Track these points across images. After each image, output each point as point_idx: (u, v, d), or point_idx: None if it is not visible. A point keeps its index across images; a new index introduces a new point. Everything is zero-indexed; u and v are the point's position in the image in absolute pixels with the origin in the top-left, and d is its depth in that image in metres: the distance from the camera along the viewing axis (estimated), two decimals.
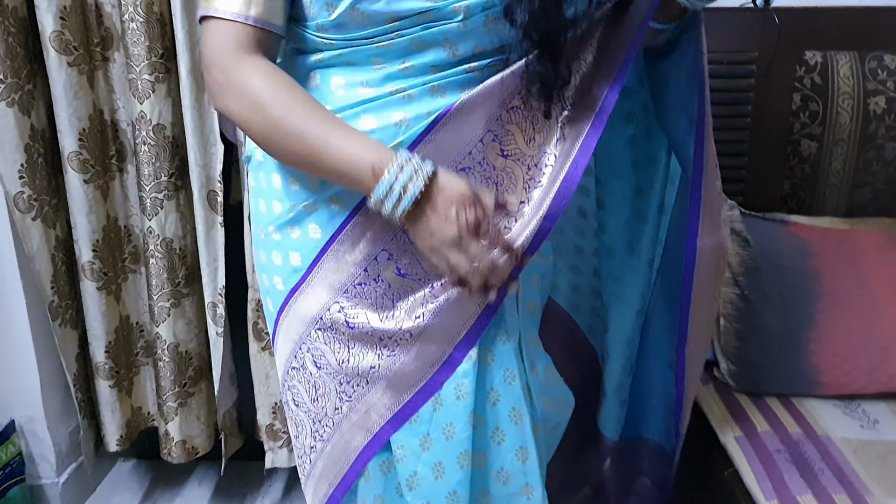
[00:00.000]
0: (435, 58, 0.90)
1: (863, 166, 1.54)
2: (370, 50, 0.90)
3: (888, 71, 1.52)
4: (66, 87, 1.40)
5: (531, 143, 0.94)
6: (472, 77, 0.92)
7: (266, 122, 0.86)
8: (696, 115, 1.00)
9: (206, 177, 1.46)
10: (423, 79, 0.91)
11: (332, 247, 0.95)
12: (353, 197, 0.93)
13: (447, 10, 0.88)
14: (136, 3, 1.35)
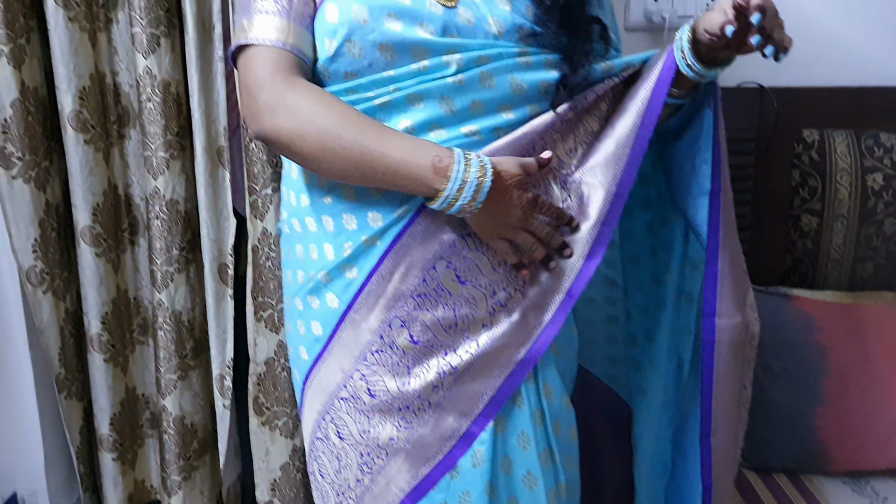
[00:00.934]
0: (433, 113, 0.94)
1: (863, 241, 1.57)
2: (371, 108, 0.94)
3: (884, 149, 1.56)
4: (83, 163, 1.43)
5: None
6: (472, 142, 0.95)
7: (321, 132, 0.90)
8: (711, 188, 1.01)
9: (218, 250, 1.48)
10: None
11: (348, 315, 0.98)
12: (366, 264, 0.96)
13: (441, 61, 0.93)
14: (153, 84, 1.40)
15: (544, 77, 0.97)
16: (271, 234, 1.44)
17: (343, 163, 0.90)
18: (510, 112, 0.96)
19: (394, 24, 0.92)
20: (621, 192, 0.95)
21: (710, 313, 1.02)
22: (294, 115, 0.90)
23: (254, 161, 1.41)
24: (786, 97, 1.58)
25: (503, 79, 0.95)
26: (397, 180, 0.90)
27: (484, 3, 0.96)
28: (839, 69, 1.62)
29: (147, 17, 1.36)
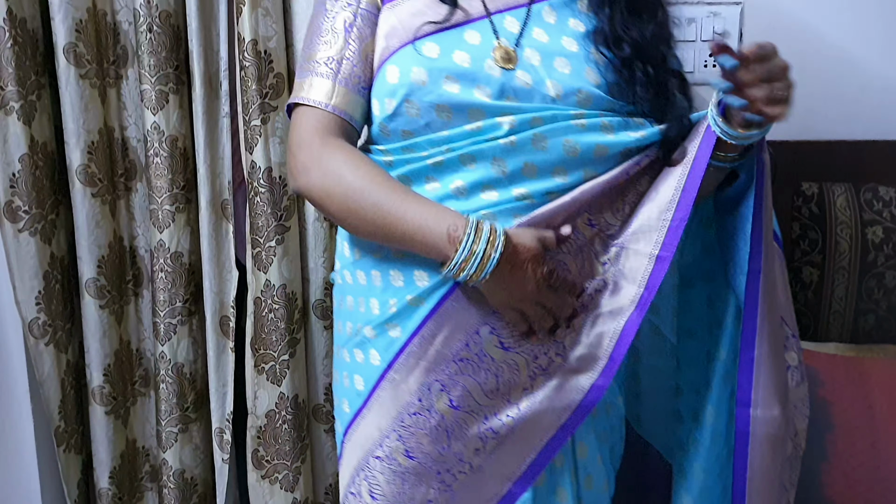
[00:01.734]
0: (485, 174, 0.94)
1: (865, 294, 1.57)
2: (425, 168, 0.95)
3: (883, 202, 1.57)
4: (89, 216, 1.45)
5: (582, 270, 0.97)
6: (524, 205, 0.94)
7: (346, 192, 0.93)
8: (749, 269, 0.97)
9: (220, 302, 1.49)
10: (475, 204, 0.94)
11: (388, 374, 0.98)
12: (409, 324, 0.96)
13: (494, 122, 0.93)
14: (161, 140, 1.42)
15: (599, 140, 0.95)
16: (274, 286, 1.45)
17: (365, 224, 0.94)
18: (563, 176, 0.95)
19: (452, 86, 0.93)
20: (664, 256, 0.93)
21: (744, 403, 0.97)
22: (324, 175, 0.95)
23: (258, 214, 1.43)
24: (784, 150, 1.59)
25: (557, 141, 0.94)
26: (414, 245, 0.92)
27: (542, 66, 0.95)
28: (836, 123, 1.64)
29: (156, 74, 1.39)
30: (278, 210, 1.43)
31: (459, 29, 0.96)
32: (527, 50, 0.96)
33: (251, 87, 1.37)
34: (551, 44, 0.97)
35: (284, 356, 1.47)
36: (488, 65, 0.94)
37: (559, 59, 0.96)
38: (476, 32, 0.97)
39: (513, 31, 0.97)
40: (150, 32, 1.37)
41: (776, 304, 1.00)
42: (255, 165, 1.41)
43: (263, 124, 1.39)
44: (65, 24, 1.36)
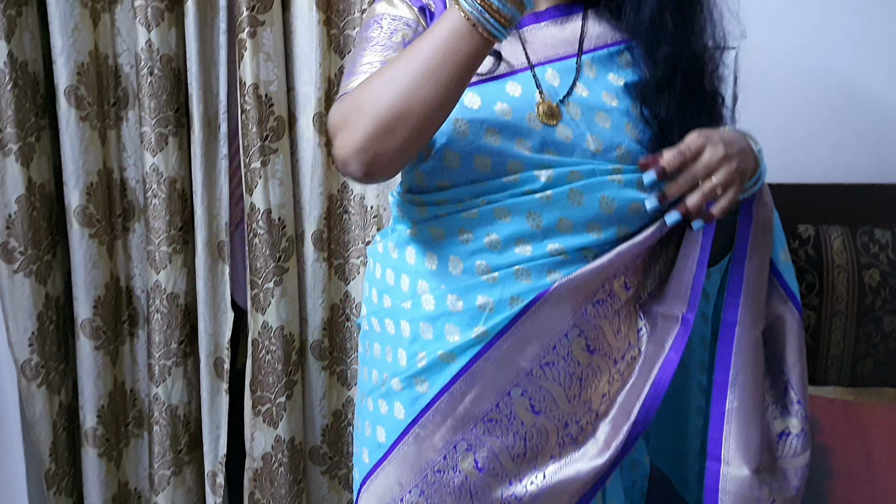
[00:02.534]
0: (519, 228, 0.92)
1: (863, 338, 1.57)
2: (458, 219, 0.94)
3: (879, 245, 1.58)
4: (86, 257, 1.45)
5: (618, 334, 0.95)
6: (558, 261, 0.92)
7: (375, 93, 0.83)
8: (724, 319, 0.96)
9: (215, 344, 1.48)
10: (509, 259, 0.92)
11: (413, 429, 0.95)
12: (438, 381, 0.94)
13: (532, 175, 0.91)
14: (159, 181, 1.42)
15: (635, 197, 0.93)
16: (271, 327, 1.44)
17: (409, 86, 0.81)
18: (598, 232, 0.93)
19: (493, 138, 0.92)
20: (688, 319, 0.93)
21: (714, 457, 0.96)
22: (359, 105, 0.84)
23: (256, 256, 1.42)
24: (780, 193, 1.59)
25: (593, 197, 0.92)
26: (452, 56, 0.81)
27: (583, 120, 0.94)
28: (831, 166, 1.65)
29: (156, 117, 1.40)
30: (277, 251, 1.43)
31: (502, 80, 0.94)
32: (569, 104, 0.95)
33: (252, 131, 1.38)
34: (592, 98, 0.96)
35: (281, 398, 1.46)
36: (530, 117, 0.93)
37: (600, 114, 0.95)
38: (518, 84, 0.94)
39: (554, 83, 0.96)
40: (151, 76, 1.38)
41: (756, 359, 0.97)
42: (254, 207, 1.41)
43: (263, 166, 1.40)
44: (66, 67, 1.36)
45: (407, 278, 0.98)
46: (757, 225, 0.97)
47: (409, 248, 0.98)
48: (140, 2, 1.36)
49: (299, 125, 1.45)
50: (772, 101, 1.62)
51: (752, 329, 0.96)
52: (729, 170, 0.89)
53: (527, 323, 0.91)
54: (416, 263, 0.97)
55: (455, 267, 0.94)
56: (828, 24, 1.59)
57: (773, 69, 1.61)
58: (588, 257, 0.93)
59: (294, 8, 1.40)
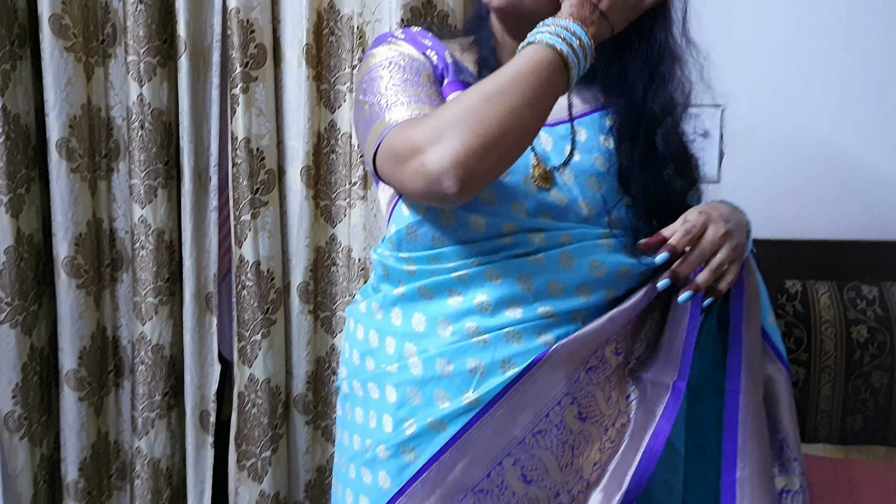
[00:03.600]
0: (511, 290, 0.91)
1: (851, 394, 1.56)
2: (449, 281, 0.92)
3: (867, 301, 1.58)
4: (73, 307, 1.44)
5: (609, 401, 0.94)
6: (548, 323, 0.92)
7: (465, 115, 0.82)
8: (728, 389, 0.96)
9: (201, 396, 1.47)
10: (500, 321, 0.91)
11: (399, 500, 0.93)
12: (427, 450, 0.92)
13: (525, 237, 0.91)
14: (148, 232, 1.43)
15: (625, 261, 0.94)
16: (258, 380, 1.43)
17: (490, 116, 0.82)
18: (588, 295, 0.93)
19: (490, 199, 0.92)
20: (679, 387, 0.93)
21: None
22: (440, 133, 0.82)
23: (244, 308, 1.42)
24: (767, 248, 1.60)
25: (584, 261, 0.92)
26: (535, 86, 0.83)
27: (576, 185, 0.95)
28: (816, 222, 1.66)
29: (146, 169, 1.41)
30: (265, 303, 1.43)
31: None
32: (562, 170, 0.96)
33: (242, 184, 1.39)
34: (584, 162, 0.97)
35: (267, 452, 1.44)
36: (526, 180, 0.93)
37: (592, 179, 0.96)
38: None
39: (546, 147, 0.97)
40: (142, 129, 1.40)
41: (761, 423, 0.97)
42: (243, 259, 1.41)
43: (253, 219, 1.40)
44: (59, 120, 1.38)
45: (393, 340, 0.96)
46: (749, 294, 0.97)
47: (395, 308, 0.96)
48: (133, 57, 1.38)
49: (288, 178, 1.46)
50: (758, 157, 1.65)
51: (754, 395, 0.96)
52: (731, 246, 0.91)
53: (520, 390, 0.90)
54: (404, 325, 0.95)
55: (444, 329, 0.92)
56: (809, 86, 1.62)
57: (759, 127, 1.63)
58: (578, 320, 0.93)
59: (285, 64, 1.43)
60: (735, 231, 0.93)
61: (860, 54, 1.60)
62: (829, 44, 1.59)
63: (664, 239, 0.91)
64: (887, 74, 1.60)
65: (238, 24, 1.35)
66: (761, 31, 1.60)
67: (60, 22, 1.36)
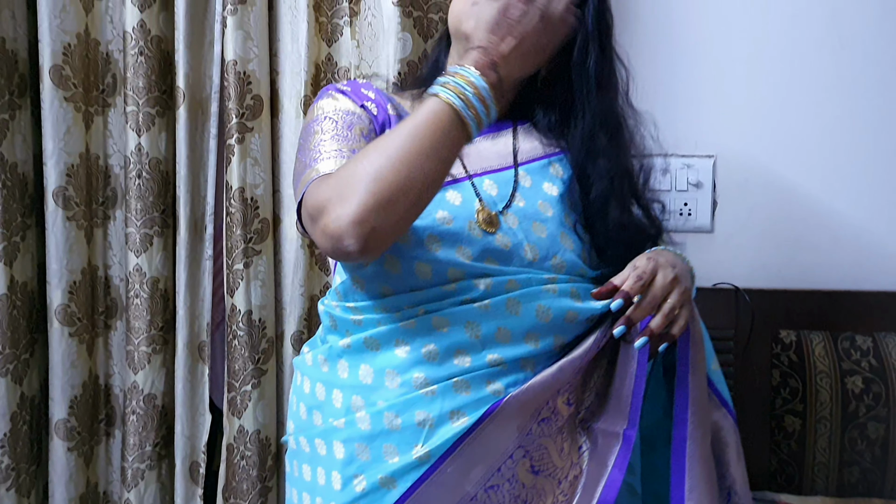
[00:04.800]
0: (458, 338, 0.91)
1: (848, 445, 1.55)
2: (395, 330, 0.92)
3: (861, 352, 1.58)
4: (65, 356, 1.43)
5: (562, 453, 0.94)
6: (497, 371, 0.91)
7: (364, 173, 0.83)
8: (674, 437, 0.96)
9: (191, 447, 1.46)
10: (448, 370, 0.91)
11: None
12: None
13: (471, 283, 0.91)
14: (142, 281, 1.43)
15: (571, 306, 0.95)
16: (248, 432, 1.42)
17: (391, 169, 0.83)
18: (535, 342, 0.93)
19: (434, 245, 0.92)
20: (629, 435, 0.93)
21: None
22: (347, 187, 0.83)
23: (235, 357, 1.42)
24: (761, 298, 1.61)
25: (530, 306, 0.92)
26: (434, 141, 0.84)
27: (521, 229, 0.96)
28: (810, 272, 1.67)
29: (142, 218, 1.42)
30: (256, 353, 1.42)
31: (442, 189, 0.95)
32: (507, 214, 0.97)
33: (236, 233, 1.40)
34: (528, 208, 0.99)
35: None
36: (471, 225, 0.94)
37: (536, 224, 0.98)
38: (458, 193, 0.97)
39: (492, 193, 0.99)
40: (140, 178, 1.40)
41: (709, 470, 0.98)
42: (235, 308, 1.41)
43: (246, 268, 1.41)
44: (56, 169, 1.39)
45: (340, 394, 0.95)
46: (694, 340, 0.98)
47: (341, 361, 0.95)
48: (132, 107, 1.39)
49: (283, 226, 1.47)
50: (751, 207, 1.66)
51: (702, 442, 0.97)
52: (681, 291, 0.93)
53: (472, 444, 0.89)
54: (350, 377, 0.94)
55: (392, 381, 0.91)
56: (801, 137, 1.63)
57: (751, 177, 1.65)
58: (527, 368, 0.93)
59: (283, 114, 1.44)
60: (682, 276, 0.95)
61: (851, 105, 1.62)
62: (821, 95, 1.62)
63: (615, 287, 0.93)
64: (879, 126, 1.62)
65: (235, 75, 1.37)
66: (753, 83, 1.63)
67: (61, 73, 1.38)
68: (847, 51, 1.61)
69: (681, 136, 1.64)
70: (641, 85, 1.61)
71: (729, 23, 1.61)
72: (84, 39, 1.41)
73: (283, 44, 1.43)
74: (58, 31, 1.36)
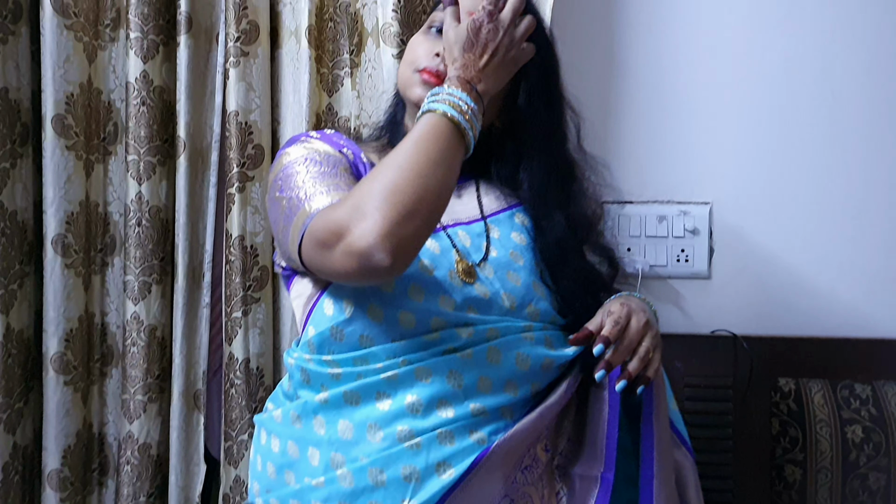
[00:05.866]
0: (441, 389, 0.91)
1: (850, 495, 1.54)
2: (377, 382, 0.91)
3: (860, 400, 1.57)
4: (60, 405, 1.42)
5: (543, 500, 0.94)
6: (479, 420, 0.91)
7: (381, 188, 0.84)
8: (641, 476, 0.97)
9: (186, 497, 1.44)
10: (432, 422, 0.90)
11: None
12: None
13: (453, 332, 0.92)
14: (139, 329, 1.42)
15: (546, 353, 0.97)
16: (244, 482, 1.40)
17: (399, 184, 0.84)
18: (514, 390, 0.94)
19: (418, 294, 0.93)
20: (607, 478, 0.93)
21: None
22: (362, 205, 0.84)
23: (232, 406, 1.41)
24: (759, 346, 1.61)
25: (510, 355, 0.94)
26: (436, 150, 0.88)
27: (497, 279, 0.98)
28: (808, 319, 1.67)
29: (141, 265, 1.42)
30: (253, 402, 1.41)
31: None
32: (483, 264, 0.99)
33: (235, 281, 1.40)
34: (501, 258, 1.01)
35: None
36: (451, 275, 0.96)
37: (511, 273, 1.00)
38: (436, 242, 0.98)
39: (466, 244, 1.01)
40: (139, 226, 1.41)
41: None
42: (232, 357, 1.41)
43: (244, 316, 1.40)
44: (56, 217, 1.39)
45: (317, 451, 0.92)
46: (657, 382, 1.00)
47: (317, 417, 0.93)
48: (133, 156, 1.40)
49: None
50: (747, 253, 1.67)
51: (667, 481, 0.98)
52: (653, 334, 0.97)
53: (460, 496, 0.88)
54: (328, 433, 0.92)
55: (374, 435, 0.90)
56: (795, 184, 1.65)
57: (747, 224, 1.66)
58: (507, 416, 0.93)
59: None
60: (652, 321, 0.98)
61: (844, 153, 1.64)
62: (814, 143, 1.64)
63: (590, 332, 0.94)
64: (872, 173, 1.64)
65: (237, 126, 1.38)
66: (747, 131, 1.65)
67: (63, 122, 1.39)
68: (839, 101, 1.63)
69: (677, 183, 1.66)
70: (637, 134, 1.65)
71: (723, 72, 1.64)
72: (87, 89, 1.43)
73: (285, 94, 1.45)
74: (61, 80, 1.38)
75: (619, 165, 1.65)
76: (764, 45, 1.63)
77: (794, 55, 1.63)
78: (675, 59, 1.64)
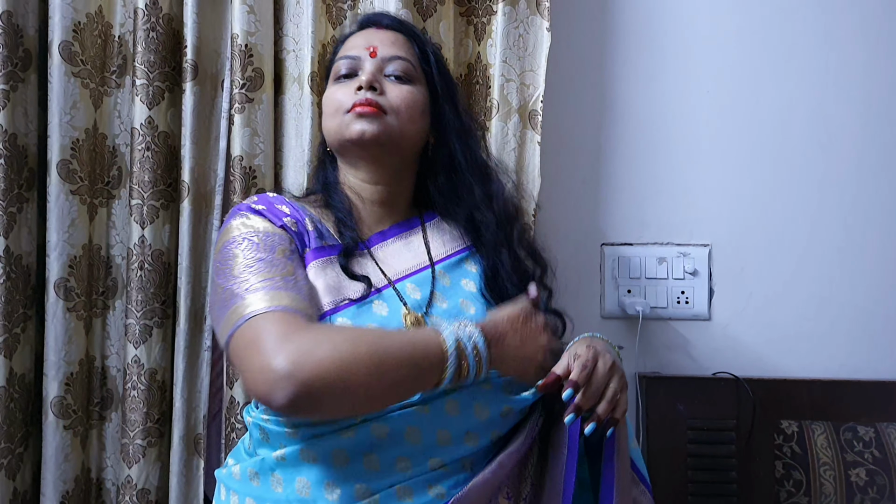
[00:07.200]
0: (399, 446, 0.90)
1: None
2: (333, 440, 0.90)
3: (864, 443, 1.57)
4: (58, 449, 1.41)
5: None
6: (439, 474, 0.91)
7: (342, 351, 0.82)
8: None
9: None
10: (390, 479, 0.89)
11: None
12: None
13: None
14: (140, 373, 1.42)
15: (505, 401, 0.97)
16: None
17: (365, 371, 0.82)
18: (475, 441, 0.94)
19: None
20: None
21: None
22: (316, 351, 0.82)
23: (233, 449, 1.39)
24: (761, 388, 1.61)
25: (468, 406, 0.94)
26: (410, 368, 0.86)
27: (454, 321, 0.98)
28: (809, 361, 1.67)
29: (143, 308, 1.42)
30: None
31: (368, 302, 0.97)
32: (432, 315, 0.99)
33: None
34: (452, 308, 1.02)
35: None
36: (404, 313, 0.97)
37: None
38: (383, 303, 0.98)
39: (415, 296, 1.01)
40: (142, 270, 1.42)
41: None
42: (234, 401, 1.40)
43: None
44: (59, 261, 1.40)
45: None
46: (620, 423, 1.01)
47: (274, 474, 0.92)
48: (136, 201, 1.42)
49: None
50: (747, 295, 1.67)
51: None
52: (619, 375, 0.97)
53: None
54: (285, 492, 0.91)
55: (332, 493, 0.89)
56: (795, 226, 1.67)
57: (747, 266, 1.67)
58: (467, 467, 0.93)
59: None
60: (618, 362, 0.99)
61: (841, 197, 1.66)
62: (811, 186, 1.66)
63: (558, 377, 0.94)
64: (871, 216, 1.65)
65: (241, 170, 1.40)
66: (745, 174, 1.67)
67: (69, 167, 1.40)
68: (834, 144, 1.66)
69: (676, 225, 1.67)
70: (636, 177, 1.67)
71: (720, 115, 1.66)
72: (92, 134, 1.45)
73: (288, 139, 1.47)
74: (67, 126, 1.40)
75: (618, 207, 1.67)
76: (760, 89, 1.66)
77: (790, 100, 1.66)
78: (672, 102, 1.67)
